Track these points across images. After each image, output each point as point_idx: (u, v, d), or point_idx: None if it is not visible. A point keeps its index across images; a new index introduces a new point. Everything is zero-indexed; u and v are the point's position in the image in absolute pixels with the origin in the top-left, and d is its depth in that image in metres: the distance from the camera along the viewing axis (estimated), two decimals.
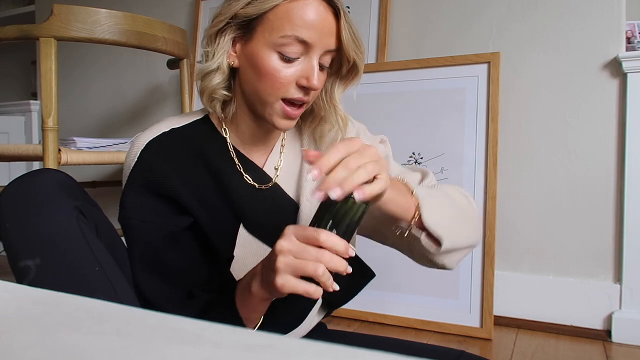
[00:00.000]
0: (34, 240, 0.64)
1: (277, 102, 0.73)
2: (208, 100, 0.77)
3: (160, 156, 0.76)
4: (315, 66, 0.71)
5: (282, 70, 0.70)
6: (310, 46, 0.70)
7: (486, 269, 1.49)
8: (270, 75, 0.71)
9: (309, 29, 0.69)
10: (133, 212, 0.74)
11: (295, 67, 0.71)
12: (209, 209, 0.76)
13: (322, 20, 0.69)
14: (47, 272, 0.64)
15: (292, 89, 0.72)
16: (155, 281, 0.74)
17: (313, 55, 0.71)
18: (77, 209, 0.68)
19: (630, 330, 1.41)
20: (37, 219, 0.65)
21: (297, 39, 0.69)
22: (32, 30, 1.18)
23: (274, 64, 0.70)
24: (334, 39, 0.72)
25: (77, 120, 2.43)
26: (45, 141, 1.16)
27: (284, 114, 0.73)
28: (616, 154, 1.47)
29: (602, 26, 1.48)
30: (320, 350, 0.23)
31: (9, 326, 0.25)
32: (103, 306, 0.30)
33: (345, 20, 0.71)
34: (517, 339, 1.46)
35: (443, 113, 1.59)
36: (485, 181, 1.52)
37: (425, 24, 1.71)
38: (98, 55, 2.38)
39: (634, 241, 1.43)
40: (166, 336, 0.24)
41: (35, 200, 0.66)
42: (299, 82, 0.72)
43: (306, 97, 0.73)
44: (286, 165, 0.84)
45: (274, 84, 0.71)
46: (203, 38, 0.76)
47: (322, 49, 0.71)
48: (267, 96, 0.72)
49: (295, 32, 0.68)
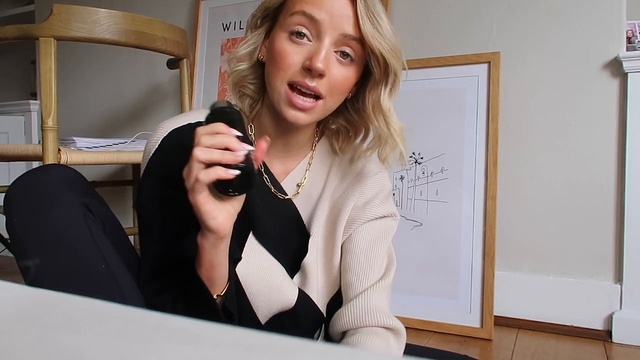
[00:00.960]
0: (41, 237, 0.64)
1: (283, 87, 0.70)
2: (236, 91, 0.76)
3: (181, 147, 0.73)
4: (323, 49, 0.68)
5: (288, 49, 0.69)
6: (320, 25, 0.68)
7: (486, 269, 1.49)
8: (278, 56, 0.69)
9: (319, 7, 0.67)
10: (148, 201, 0.74)
11: (304, 48, 0.69)
12: None
13: (335, 1, 0.68)
14: (53, 269, 0.64)
15: (296, 72, 0.69)
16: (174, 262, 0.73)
17: (324, 37, 0.68)
18: (84, 205, 0.67)
19: (631, 331, 1.41)
20: (45, 215, 0.65)
21: (304, 14, 0.68)
22: (32, 30, 1.18)
23: (283, 44, 0.69)
24: (350, 25, 0.68)
25: (77, 120, 2.43)
26: (45, 141, 1.16)
27: (288, 101, 0.70)
28: (616, 154, 1.47)
29: (602, 26, 1.48)
30: (320, 350, 0.23)
31: (9, 326, 0.25)
32: (103, 306, 0.30)
33: (364, 6, 0.67)
34: (517, 339, 1.46)
35: (443, 113, 1.59)
36: (485, 181, 1.52)
37: (425, 24, 1.71)
38: (98, 55, 2.38)
39: (635, 241, 1.43)
40: (166, 336, 0.24)
41: (43, 197, 0.66)
42: (304, 64, 0.68)
43: (311, 83, 0.68)
44: (308, 185, 0.82)
45: (280, 64, 0.69)
46: (245, 31, 0.77)
47: (334, 31, 0.68)
48: (274, 79, 0.70)
49: (302, 7, 0.68)
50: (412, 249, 1.58)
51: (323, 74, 0.68)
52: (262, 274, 0.76)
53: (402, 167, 1.63)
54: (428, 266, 1.57)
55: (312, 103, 0.70)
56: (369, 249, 0.81)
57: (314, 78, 0.69)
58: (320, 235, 0.81)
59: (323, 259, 0.82)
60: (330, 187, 0.83)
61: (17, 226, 0.65)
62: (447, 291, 1.54)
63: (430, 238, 1.58)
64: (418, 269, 1.58)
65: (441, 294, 1.54)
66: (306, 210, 0.82)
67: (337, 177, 0.83)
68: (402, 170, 1.63)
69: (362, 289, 0.78)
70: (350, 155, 0.84)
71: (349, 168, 0.84)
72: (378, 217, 0.83)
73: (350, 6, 0.68)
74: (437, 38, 1.69)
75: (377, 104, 0.75)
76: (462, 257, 1.53)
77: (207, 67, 2.04)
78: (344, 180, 0.83)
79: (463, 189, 1.55)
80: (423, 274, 1.57)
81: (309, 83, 0.69)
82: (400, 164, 0.81)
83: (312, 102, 0.70)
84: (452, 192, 1.56)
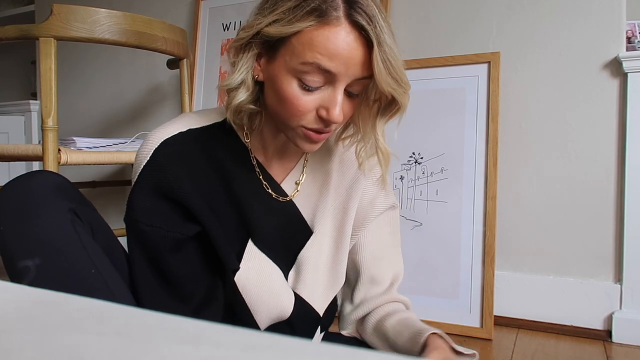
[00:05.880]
0: (30, 244, 0.64)
1: (299, 128, 0.69)
2: (235, 114, 0.72)
3: (174, 158, 0.72)
4: (339, 97, 0.65)
5: (301, 98, 0.65)
6: (335, 76, 0.64)
7: (486, 269, 1.49)
8: (289, 102, 0.66)
9: (333, 59, 0.63)
10: (140, 215, 0.71)
11: (316, 95, 0.66)
12: (220, 218, 0.74)
13: (350, 50, 0.63)
14: (44, 276, 0.63)
15: (311, 118, 0.67)
16: (153, 286, 0.73)
17: (338, 85, 0.65)
18: (72, 211, 0.67)
19: (631, 331, 1.41)
20: (33, 222, 0.64)
21: (319, 67, 0.63)
22: (32, 30, 1.18)
23: (294, 90, 0.65)
24: (364, 69, 0.65)
25: (77, 120, 2.43)
26: (45, 141, 1.16)
27: (306, 138, 0.70)
28: (616, 154, 1.47)
29: (602, 26, 1.48)
30: (320, 350, 0.23)
31: (9, 326, 0.25)
32: (103, 306, 0.30)
33: (380, 52, 0.63)
34: (517, 339, 1.46)
35: (443, 113, 1.59)
36: (485, 181, 1.52)
37: (425, 24, 1.71)
38: (98, 55, 2.38)
39: (635, 241, 1.43)
40: (166, 336, 0.24)
41: (31, 204, 0.65)
42: (319, 112, 0.67)
43: (327, 128, 0.68)
44: (308, 182, 0.81)
45: (292, 111, 0.66)
46: (229, 48, 0.71)
47: (349, 78, 0.65)
48: (287, 121, 0.69)
49: (317, 60, 0.63)
50: (412, 249, 1.58)
51: (339, 122, 0.68)
52: (262, 278, 0.77)
53: (402, 166, 1.63)
54: (428, 266, 1.57)
55: (326, 135, 0.71)
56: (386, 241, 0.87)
57: (329, 123, 0.68)
58: (326, 231, 0.82)
59: (329, 255, 0.83)
60: (332, 182, 0.83)
61: (5, 234, 0.64)
62: (447, 291, 1.54)
63: (430, 238, 1.58)
64: (418, 269, 1.58)
65: (441, 294, 1.54)
66: (308, 207, 0.81)
67: (337, 171, 0.83)
68: (402, 170, 1.63)
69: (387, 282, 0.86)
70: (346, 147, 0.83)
71: (347, 161, 0.83)
72: (385, 209, 0.86)
73: (363, 50, 0.64)
74: (437, 38, 1.69)
75: (370, 124, 0.74)
76: (462, 257, 1.53)
77: (207, 67, 2.04)
78: (345, 175, 0.83)
79: (463, 189, 1.55)
80: (423, 274, 1.57)
81: (326, 128, 0.69)
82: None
83: (327, 134, 0.71)
84: (452, 192, 1.56)
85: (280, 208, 0.79)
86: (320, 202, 0.81)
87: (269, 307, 0.77)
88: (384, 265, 0.86)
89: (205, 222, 0.72)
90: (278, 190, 0.80)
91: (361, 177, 0.83)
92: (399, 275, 0.88)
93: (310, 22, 0.61)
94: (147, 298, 0.72)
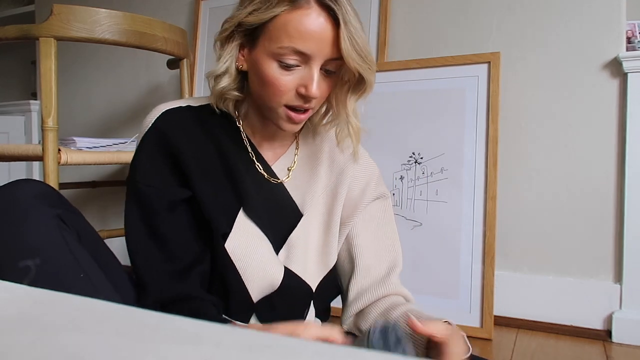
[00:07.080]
0: (18, 251, 0.65)
1: (280, 108, 0.75)
2: (220, 100, 0.80)
3: (174, 124, 0.80)
4: (315, 75, 0.72)
5: (281, 78, 0.72)
6: (309, 56, 0.71)
7: (486, 269, 1.49)
8: (271, 83, 0.73)
9: (307, 41, 0.70)
10: (141, 176, 0.77)
11: (295, 75, 0.73)
12: (212, 185, 0.79)
13: (320, 31, 0.70)
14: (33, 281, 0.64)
15: (292, 96, 0.74)
16: (149, 247, 0.76)
17: (313, 64, 0.72)
18: (57, 217, 0.69)
19: (631, 331, 1.41)
20: (20, 229, 0.66)
21: (294, 50, 0.70)
22: (32, 30, 1.18)
23: (274, 72, 0.72)
24: (334, 48, 0.72)
25: (77, 120, 2.43)
26: (45, 141, 1.16)
27: (288, 119, 0.76)
28: (616, 154, 1.47)
29: (602, 26, 1.48)
30: (320, 350, 0.23)
31: (9, 326, 0.25)
32: (103, 306, 0.30)
33: (346, 30, 0.70)
34: (517, 339, 1.46)
35: (443, 113, 1.59)
36: (485, 181, 1.52)
37: (425, 24, 1.71)
38: (98, 55, 2.38)
39: (634, 241, 1.43)
40: (166, 336, 0.24)
41: (17, 212, 0.67)
42: (298, 90, 0.74)
43: (307, 104, 0.75)
44: (299, 168, 0.86)
45: (274, 91, 0.74)
46: (215, 42, 0.79)
47: (322, 58, 0.72)
48: (269, 102, 0.76)
49: (292, 43, 0.70)
50: (412, 249, 1.58)
51: (317, 97, 0.74)
52: (250, 246, 0.79)
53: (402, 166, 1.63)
54: (428, 266, 1.57)
55: (305, 114, 0.77)
56: (379, 229, 0.89)
57: (309, 99, 0.74)
58: (315, 215, 0.85)
59: (319, 237, 0.86)
60: (322, 168, 0.87)
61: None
62: (447, 291, 1.54)
63: (430, 238, 1.58)
64: (418, 269, 1.58)
65: (441, 294, 1.54)
66: (299, 191, 0.85)
67: (328, 158, 0.87)
68: (402, 171, 1.63)
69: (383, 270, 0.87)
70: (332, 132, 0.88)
71: (336, 148, 0.87)
72: (376, 198, 0.89)
73: (332, 30, 0.71)
74: (437, 38, 1.69)
75: (342, 103, 0.80)
76: (461, 257, 1.53)
77: (207, 67, 2.04)
78: (335, 161, 0.87)
79: (463, 189, 1.55)
80: (423, 273, 1.57)
81: (306, 105, 0.75)
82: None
83: (306, 114, 0.77)
84: (452, 192, 1.56)
85: (270, 189, 0.83)
86: (311, 186, 0.85)
87: (259, 276, 0.78)
88: (378, 254, 0.88)
89: (197, 184, 0.78)
90: (270, 172, 0.84)
91: (350, 164, 0.87)
92: (395, 265, 0.89)
93: (284, 7, 0.69)
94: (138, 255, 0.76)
